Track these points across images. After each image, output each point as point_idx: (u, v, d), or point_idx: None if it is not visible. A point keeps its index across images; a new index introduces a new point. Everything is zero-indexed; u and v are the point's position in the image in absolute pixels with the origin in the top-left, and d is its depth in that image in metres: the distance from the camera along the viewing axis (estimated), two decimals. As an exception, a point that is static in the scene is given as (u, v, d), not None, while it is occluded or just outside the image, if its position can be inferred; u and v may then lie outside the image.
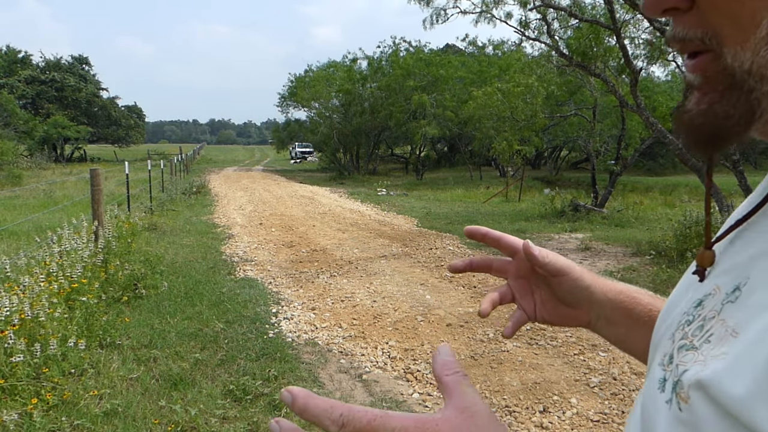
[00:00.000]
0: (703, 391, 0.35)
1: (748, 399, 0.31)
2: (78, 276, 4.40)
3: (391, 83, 24.23)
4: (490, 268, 0.73)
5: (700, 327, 0.40)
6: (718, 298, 0.40)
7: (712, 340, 0.38)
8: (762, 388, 0.31)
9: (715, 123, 0.38)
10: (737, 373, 0.33)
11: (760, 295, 0.36)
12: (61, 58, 46.61)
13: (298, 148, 42.64)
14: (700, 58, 0.39)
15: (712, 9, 0.37)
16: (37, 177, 21.34)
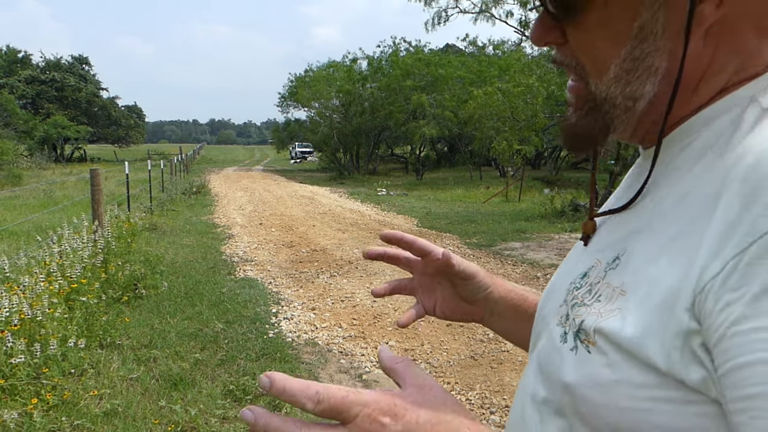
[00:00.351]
0: (604, 336, 0.45)
1: (639, 339, 0.42)
2: (78, 276, 4.40)
3: (391, 83, 24.22)
4: (398, 260, 0.80)
5: (589, 291, 0.51)
6: (601, 268, 0.51)
7: (601, 299, 0.48)
8: (650, 332, 0.41)
9: (581, 132, 0.53)
10: (632, 323, 0.43)
11: (637, 261, 0.46)
12: (61, 58, 46.66)
13: (298, 148, 42.64)
14: (576, 83, 0.52)
15: (578, 49, 0.51)
16: (37, 177, 21.34)
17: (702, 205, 0.42)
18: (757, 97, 0.45)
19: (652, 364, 0.41)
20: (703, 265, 0.39)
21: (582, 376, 0.47)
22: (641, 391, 0.42)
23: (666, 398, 0.41)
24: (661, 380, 0.41)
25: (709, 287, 0.38)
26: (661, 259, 0.43)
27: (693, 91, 0.48)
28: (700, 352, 0.39)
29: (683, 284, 0.40)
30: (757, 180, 0.38)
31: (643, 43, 0.47)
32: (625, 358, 0.43)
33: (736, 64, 0.46)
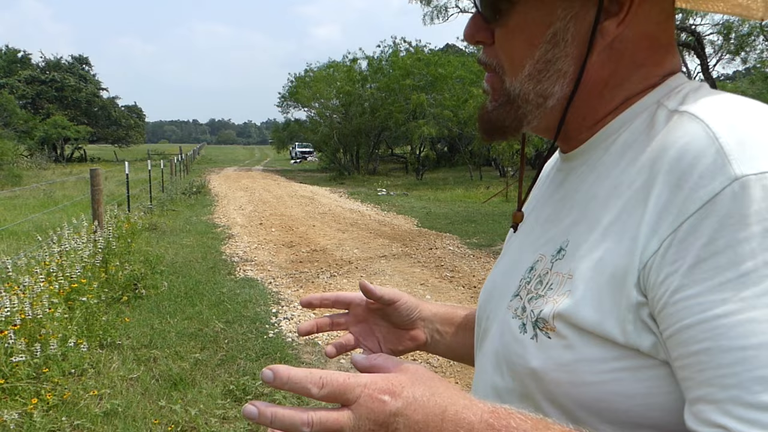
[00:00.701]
0: (561, 319, 0.50)
1: (597, 318, 0.47)
2: (78, 276, 4.40)
3: (391, 83, 24.21)
4: (331, 325, 0.82)
5: (539, 282, 0.55)
6: (546, 260, 0.56)
7: (553, 287, 0.53)
8: (604, 310, 0.47)
9: (495, 121, 0.59)
10: (583, 302, 0.48)
11: (580, 248, 0.51)
12: (61, 58, 46.69)
13: (298, 148, 42.62)
14: (493, 76, 0.58)
15: (501, 48, 0.57)
16: (37, 177, 21.33)
17: (633, 194, 0.48)
18: (662, 101, 0.52)
19: (611, 338, 0.47)
20: (643, 244, 0.45)
21: (545, 360, 0.51)
22: (601, 365, 0.47)
23: (624, 367, 0.47)
24: (618, 352, 0.47)
25: (650, 263, 0.45)
26: (603, 243, 0.49)
27: (599, 97, 0.55)
28: (649, 321, 0.45)
29: (628, 263, 0.46)
30: (681, 170, 0.44)
31: (555, 48, 0.53)
32: (582, 338, 0.48)
33: (639, 76, 0.54)
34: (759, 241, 0.40)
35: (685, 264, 0.42)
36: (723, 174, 0.42)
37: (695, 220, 0.42)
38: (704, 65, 11.24)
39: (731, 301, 0.40)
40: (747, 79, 20.68)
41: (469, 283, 6.00)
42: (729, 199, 0.41)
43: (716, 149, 0.43)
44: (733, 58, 16.53)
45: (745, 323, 0.39)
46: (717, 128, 0.45)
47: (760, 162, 0.42)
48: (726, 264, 0.41)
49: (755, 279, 0.40)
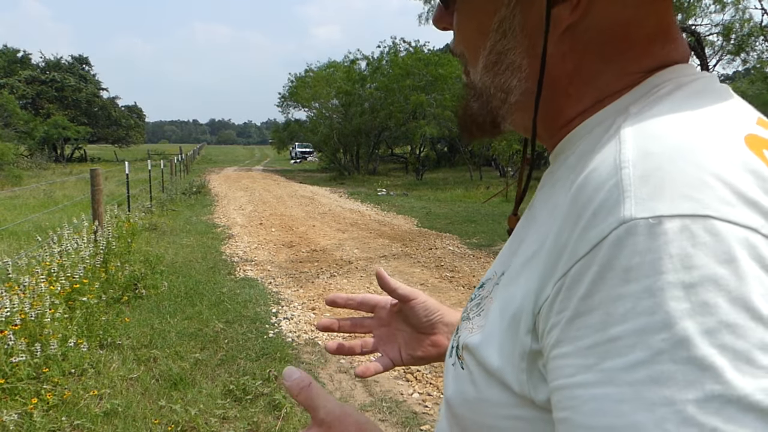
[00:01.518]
0: (469, 353, 0.47)
1: (499, 364, 0.42)
2: (79, 276, 4.40)
3: (391, 83, 24.21)
4: (354, 326, 0.81)
5: (478, 304, 0.51)
6: (493, 281, 0.50)
7: (482, 314, 0.48)
8: (503, 354, 0.42)
9: (470, 117, 0.54)
10: (489, 341, 0.44)
11: (504, 279, 0.46)
12: (61, 58, 46.67)
13: (298, 148, 42.61)
14: (465, 69, 0.54)
15: (459, 36, 0.53)
16: (37, 177, 21.34)
17: (553, 222, 0.41)
18: (629, 107, 0.43)
19: (507, 384, 0.42)
20: (540, 286, 0.39)
21: (455, 392, 0.48)
22: (501, 410, 0.43)
23: (522, 417, 0.42)
24: (516, 399, 0.42)
25: (543, 309, 0.38)
26: (520, 277, 0.43)
27: (564, 95, 0.48)
28: (545, 372, 0.39)
29: (525, 305, 0.40)
30: (581, 203, 0.37)
31: (504, 39, 0.48)
32: (486, 377, 0.44)
33: (612, 71, 0.46)
34: (633, 302, 0.32)
35: (565, 317, 0.36)
36: (613, 215, 0.34)
37: (581, 266, 0.35)
38: (704, 66, 11.24)
39: (592, 370, 0.33)
40: (747, 79, 20.68)
41: (469, 283, 5.99)
42: (613, 246, 0.34)
43: (615, 182, 0.36)
44: (733, 59, 16.54)
45: (600, 399, 0.33)
46: (627, 155, 0.37)
47: (657, 203, 0.33)
48: (596, 324, 0.34)
49: (620, 348, 0.32)
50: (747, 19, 13.80)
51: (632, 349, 0.32)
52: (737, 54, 15.53)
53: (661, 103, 0.42)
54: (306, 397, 0.51)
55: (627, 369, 0.32)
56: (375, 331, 0.80)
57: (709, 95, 0.43)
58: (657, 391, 0.31)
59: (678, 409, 0.30)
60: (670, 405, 0.30)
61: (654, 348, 0.31)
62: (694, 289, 0.31)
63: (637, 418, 0.31)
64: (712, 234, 0.32)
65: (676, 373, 0.31)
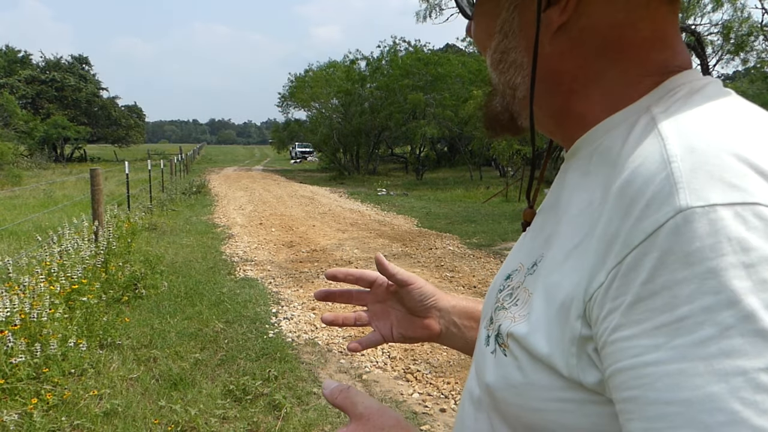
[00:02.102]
0: (515, 340, 0.49)
1: (547, 350, 0.45)
2: (79, 276, 4.40)
3: (390, 83, 24.21)
4: (351, 298, 0.84)
5: (510, 294, 0.53)
6: (522, 272, 0.53)
7: (518, 303, 0.51)
8: (551, 339, 0.44)
9: (493, 115, 0.58)
10: (536, 328, 0.46)
11: (546, 267, 0.49)
12: (61, 57, 46.63)
13: (298, 148, 42.61)
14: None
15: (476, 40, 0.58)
16: (37, 177, 21.33)
17: (596, 215, 0.44)
18: (651, 107, 0.46)
19: (556, 369, 0.44)
20: (591, 274, 0.42)
21: (498, 378, 0.50)
22: (549, 393, 0.45)
23: (570, 399, 0.44)
24: (564, 383, 0.44)
25: (596, 296, 0.41)
26: (565, 266, 0.45)
27: (569, 92, 0.51)
28: (594, 357, 0.42)
29: (576, 293, 0.43)
30: (631, 196, 0.40)
31: (505, 39, 0.53)
32: (533, 362, 0.46)
33: (617, 71, 0.49)
34: (698, 283, 0.35)
35: (625, 301, 0.38)
36: (668, 204, 0.37)
37: (638, 253, 0.38)
38: (704, 65, 11.24)
39: (663, 349, 0.36)
40: (747, 79, 20.67)
41: (469, 283, 6.00)
42: (671, 234, 0.37)
43: (666, 175, 0.39)
44: (732, 58, 16.54)
45: (673, 375, 0.35)
46: (674, 150, 0.40)
47: (710, 193, 0.37)
48: (662, 306, 0.36)
49: (690, 326, 0.35)
50: (746, 18, 13.80)
51: (701, 326, 0.35)
52: (737, 53, 15.53)
53: (686, 103, 0.45)
54: (344, 397, 0.55)
55: (698, 345, 0.35)
56: (370, 306, 0.84)
57: (727, 97, 0.47)
58: (729, 363, 0.34)
59: (751, 378, 0.33)
60: (743, 374, 0.33)
61: (723, 324, 0.34)
62: (754, 268, 0.34)
63: (712, 389, 0.34)
64: (762, 219, 0.36)
65: (746, 345, 0.33)
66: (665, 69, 0.49)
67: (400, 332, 0.82)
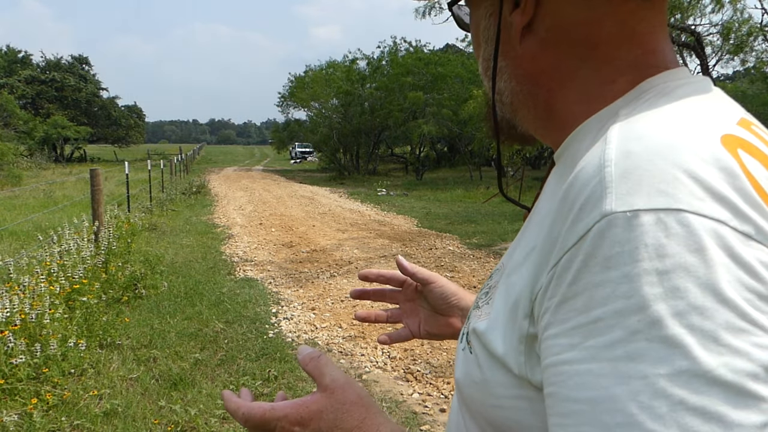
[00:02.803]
0: (476, 338, 0.50)
1: (501, 348, 0.46)
2: (79, 276, 4.40)
3: (391, 83, 24.21)
4: (384, 296, 0.90)
5: (486, 293, 0.54)
6: (501, 272, 0.53)
7: (490, 302, 0.52)
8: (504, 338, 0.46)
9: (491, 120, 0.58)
10: (494, 326, 0.48)
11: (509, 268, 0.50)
12: (61, 58, 46.66)
13: (297, 148, 42.60)
14: None
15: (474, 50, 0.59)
16: (37, 177, 21.33)
17: (548, 216, 0.45)
18: (620, 111, 0.46)
19: (508, 366, 0.45)
20: (537, 274, 0.43)
21: (463, 374, 0.52)
22: (504, 390, 0.46)
23: (523, 396, 0.45)
24: (516, 381, 0.45)
25: (539, 296, 0.42)
26: (522, 267, 0.47)
27: (549, 91, 0.52)
28: (540, 355, 0.42)
29: (524, 292, 0.44)
30: (571, 199, 0.41)
31: (487, 46, 0.54)
32: (490, 360, 0.48)
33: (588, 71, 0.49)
34: (612, 287, 0.36)
35: (554, 301, 0.40)
36: (597, 209, 0.38)
37: (570, 255, 0.39)
38: (704, 65, 11.24)
39: (577, 348, 0.37)
40: (747, 79, 20.67)
41: (469, 283, 5.99)
42: (596, 237, 0.37)
43: (599, 179, 0.39)
44: (732, 58, 16.53)
45: (583, 374, 0.36)
46: (610, 154, 0.40)
47: (635, 198, 0.37)
48: (581, 307, 0.37)
49: (601, 328, 0.36)
50: (746, 19, 13.80)
51: (612, 329, 0.35)
52: (736, 54, 15.52)
53: (646, 106, 0.45)
54: (315, 366, 0.56)
55: (607, 347, 0.35)
56: (401, 304, 0.88)
57: (694, 98, 0.46)
58: (632, 367, 0.34)
59: (650, 382, 0.34)
60: (643, 378, 0.34)
61: (630, 328, 0.35)
62: (667, 275, 0.35)
63: (615, 390, 0.35)
64: (684, 225, 0.36)
65: (650, 350, 0.34)
66: (638, 67, 0.48)
67: (426, 329, 0.86)
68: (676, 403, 0.33)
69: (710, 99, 0.46)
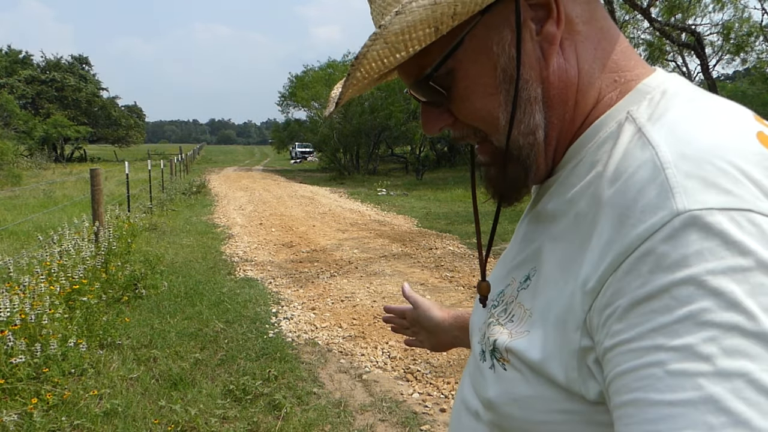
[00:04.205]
0: (514, 355, 0.49)
1: (548, 364, 0.45)
2: (79, 276, 4.40)
3: (391, 83, 24.17)
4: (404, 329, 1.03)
5: (504, 310, 0.54)
6: (514, 287, 0.53)
7: (514, 319, 0.51)
8: (550, 352, 0.45)
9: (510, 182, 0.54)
10: (536, 344, 0.47)
11: (542, 282, 0.49)
12: (62, 58, 46.67)
13: (298, 148, 42.59)
14: (483, 145, 0.55)
15: (467, 118, 0.54)
16: (37, 177, 21.33)
17: (587, 227, 0.44)
18: (632, 113, 0.47)
19: (556, 381, 0.45)
20: (585, 284, 0.42)
21: (501, 392, 0.50)
22: (552, 405, 0.45)
23: (573, 411, 0.44)
24: (566, 395, 0.44)
25: (595, 305, 0.41)
26: (560, 279, 0.46)
27: (575, 106, 0.51)
28: (594, 368, 0.42)
29: (572, 304, 0.43)
30: (625, 204, 0.40)
31: (512, 84, 0.49)
32: (536, 375, 0.47)
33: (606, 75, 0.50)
34: (696, 285, 0.35)
35: (621, 307, 0.38)
36: (664, 209, 0.38)
37: (634, 258, 0.38)
38: (704, 65, 11.24)
39: (663, 350, 0.36)
40: (747, 79, 20.66)
41: (469, 283, 5.99)
42: (668, 237, 0.37)
43: (661, 181, 0.39)
44: (732, 59, 16.53)
45: (675, 375, 0.35)
46: (666, 157, 0.40)
47: (704, 196, 0.37)
48: (660, 308, 0.36)
49: (689, 327, 0.35)
50: (746, 19, 13.80)
51: (702, 327, 0.35)
52: (737, 54, 15.52)
53: (670, 108, 0.46)
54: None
55: (699, 345, 0.35)
56: (412, 327, 1.01)
57: (702, 99, 0.47)
58: (731, 363, 0.34)
59: (753, 378, 0.33)
60: (744, 375, 0.33)
61: (723, 325, 0.34)
62: (752, 272, 0.35)
63: (715, 389, 0.34)
64: (755, 224, 0.36)
65: (747, 346, 0.34)
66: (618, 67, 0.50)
67: (430, 346, 0.98)
68: None
69: (717, 97, 0.48)
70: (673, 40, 11.78)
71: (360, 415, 3.22)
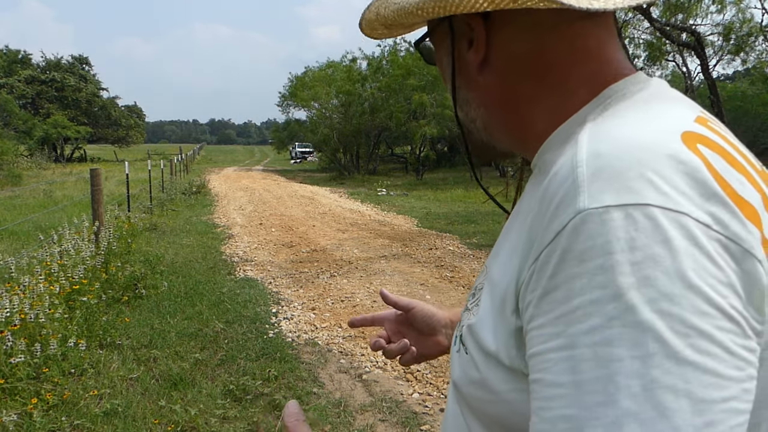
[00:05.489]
0: (470, 337, 0.53)
1: (494, 345, 0.49)
2: (79, 277, 4.40)
3: (391, 83, 24.19)
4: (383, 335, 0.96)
5: (473, 295, 0.58)
6: (484, 274, 0.57)
7: (478, 303, 0.55)
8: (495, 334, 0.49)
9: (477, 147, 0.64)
10: (483, 323, 0.51)
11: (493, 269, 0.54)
12: (62, 58, 46.66)
13: (298, 148, 42.58)
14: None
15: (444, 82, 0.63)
16: (37, 177, 21.32)
17: (531, 217, 0.48)
18: (588, 117, 0.50)
19: (501, 361, 0.48)
20: (519, 271, 0.46)
21: (460, 375, 0.55)
22: (503, 385, 0.49)
23: (519, 389, 0.47)
24: (511, 375, 0.48)
25: (521, 290, 0.45)
26: (505, 265, 0.50)
27: (517, 114, 0.56)
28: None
29: (509, 288, 0.48)
30: (548, 199, 0.44)
31: (456, 79, 0.59)
32: (485, 357, 0.50)
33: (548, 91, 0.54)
34: (589, 278, 0.39)
35: (536, 294, 0.43)
36: (571, 206, 0.41)
37: (548, 251, 0.42)
38: (704, 65, 11.23)
39: (561, 336, 0.40)
40: (747, 79, 20.66)
41: (469, 284, 5.99)
42: (571, 233, 0.41)
43: (572, 179, 0.43)
44: (733, 59, 16.53)
45: (567, 360, 0.39)
46: (582, 156, 0.44)
47: (606, 195, 0.40)
48: (561, 298, 0.40)
49: (581, 316, 0.39)
50: (747, 19, 13.79)
51: (590, 317, 0.39)
52: (737, 54, 15.52)
53: (611, 111, 0.50)
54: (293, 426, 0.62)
55: (586, 333, 0.38)
56: (392, 337, 0.94)
57: (652, 101, 0.50)
58: (610, 351, 0.37)
59: (626, 365, 0.37)
60: (620, 361, 0.37)
61: (607, 315, 0.38)
62: (638, 265, 0.38)
63: (595, 373, 0.38)
64: (650, 219, 0.39)
65: (625, 335, 0.37)
66: (595, 79, 0.52)
67: (419, 352, 0.91)
68: (649, 382, 0.36)
69: (668, 100, 0.51)
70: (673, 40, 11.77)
71: (360, 415, 3.22)
